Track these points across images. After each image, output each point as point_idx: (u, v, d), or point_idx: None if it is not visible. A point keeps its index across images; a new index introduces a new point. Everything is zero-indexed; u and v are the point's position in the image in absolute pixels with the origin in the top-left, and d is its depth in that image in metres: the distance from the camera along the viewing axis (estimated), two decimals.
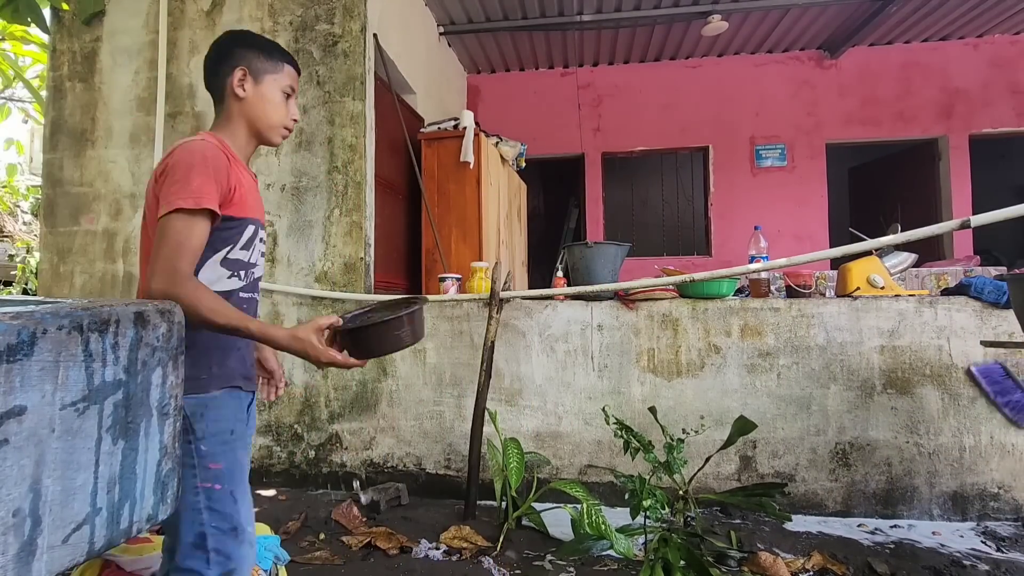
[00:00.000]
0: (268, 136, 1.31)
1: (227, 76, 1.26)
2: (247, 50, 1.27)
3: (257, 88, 1.27)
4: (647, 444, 2.22)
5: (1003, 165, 7.00)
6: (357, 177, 3.16)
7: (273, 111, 1.29)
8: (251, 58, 1.27)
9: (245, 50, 1.27)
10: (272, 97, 1.28)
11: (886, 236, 2.46)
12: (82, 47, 3.51)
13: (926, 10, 4.96)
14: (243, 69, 1.26)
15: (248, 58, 1.26)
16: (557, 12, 4.92)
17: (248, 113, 1.27)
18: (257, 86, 1.27)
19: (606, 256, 2.99)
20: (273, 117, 1.29)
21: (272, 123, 1.29)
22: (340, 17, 3.22)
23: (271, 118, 1.29)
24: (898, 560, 2.17)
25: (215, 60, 1.28)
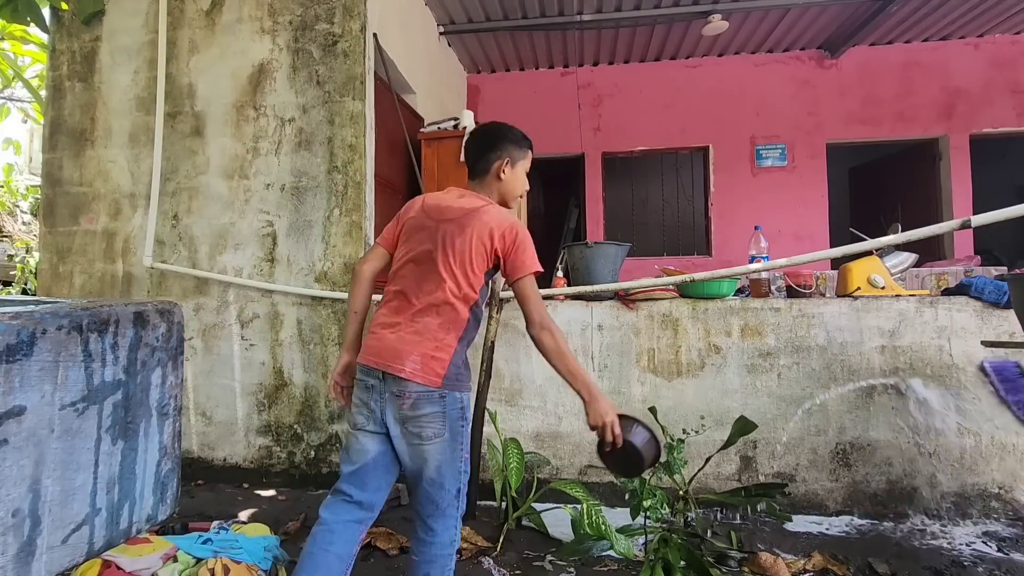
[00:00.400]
0: (510, 203, 1.73)
1: (494, 162, 1.66)
2: (510, 144, 1.68)
3: (513, 172, 1.69)
4: None
5: (1003, 165, 7.00)
6: (357, 177, 3.15)
7: (519, 188, 1.72)
8: (512, 150, 1.68)
9: (509, 144, 1.68)
10: (521, 177, 1.72)
11: (886, 236, 2.46)
12: (82, 47, 3.51)
13: (926, 10, 4.96)
14: (507, 159, 1.67)
15: (510, 150, 1.68)
16: (557, 12, 4.92)
17: (502, 189, 1.69)
18: (513, 170, 1.69)
19: (606, 256, 2.99)
20: (518, 192, 1.72)
21: (516, 196, 1.72)
22: (340, 17, 3.22)
23: (516, 193, 1.72)
24: (898, 560, 2.16)
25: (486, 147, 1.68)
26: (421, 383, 1.45)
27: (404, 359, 1.46)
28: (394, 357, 1.47)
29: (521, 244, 1.54)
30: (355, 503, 1.54)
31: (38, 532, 0.73)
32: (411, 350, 1.47)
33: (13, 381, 0.68)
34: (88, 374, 0.78)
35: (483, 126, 1.75)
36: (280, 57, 3.27)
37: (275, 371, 3.18)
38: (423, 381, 1.45)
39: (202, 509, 2.68)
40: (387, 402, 1.48)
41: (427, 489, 1.49)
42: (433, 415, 1.46)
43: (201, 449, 3.22)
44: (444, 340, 1.50)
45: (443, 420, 1.47)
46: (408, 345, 1.48)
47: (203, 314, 3.27)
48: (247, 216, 3.25)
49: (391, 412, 1.48)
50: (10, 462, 0.69)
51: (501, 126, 1.73)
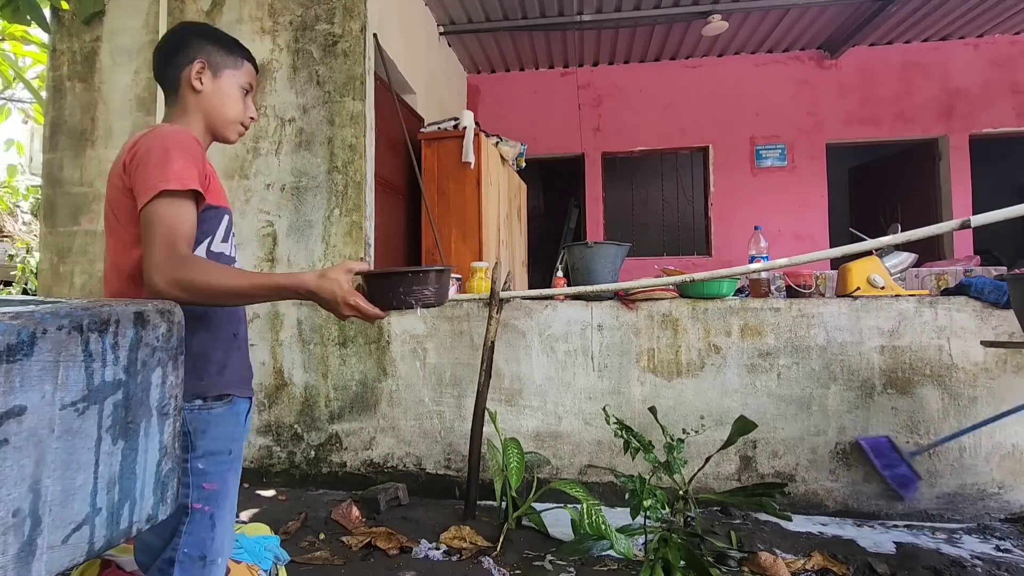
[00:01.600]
0: (224, 132, 1.25)
1: (184, 67, 1.20)
2: (207, 43, 1.22)
3: (215, 82, 1.22)
4: (647, 444, 2.22)
5: (1003, 165, 7.00)
6: (357, 177, 3.16)
7: (231, 106, 1.24)
8: (210, 51, 1.22)
9: (205, 42, 1.22)
10: (230, 92, 1.23)
11: (886, 236, 2.46)
12: (82, 47, 3.51)
13: (926, 10, 4.96)
14: (202, 62, 1.20)
15: (207, 51, 1.21)
16: (557, 12, 4.92)
17: (205, 107, 1.21)
18: (215, 80, 1.22)
19: (606, 256, 2.99)
20: (230, 112, 1.24)
21: (229, 119, 1.24)
22: (340, 17, 3.22)
23: (228, 113, 1.24)
24: (898, 560, 2.17)
25: (170, 50, 1.22)
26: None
27: None
28: None
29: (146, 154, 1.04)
30: None
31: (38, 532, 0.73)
32: None
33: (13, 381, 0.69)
34: (88, 374, 0.78)
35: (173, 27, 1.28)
36: (280, 57, 3.28)
37: (275, 371, 3.18)
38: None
39: None
40: None
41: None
42: None
43: None
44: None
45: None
46: None
47: None
48: (247, 216, 3.26)
49: None
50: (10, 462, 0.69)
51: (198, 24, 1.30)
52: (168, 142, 1.05)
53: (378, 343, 3.08)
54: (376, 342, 3.08)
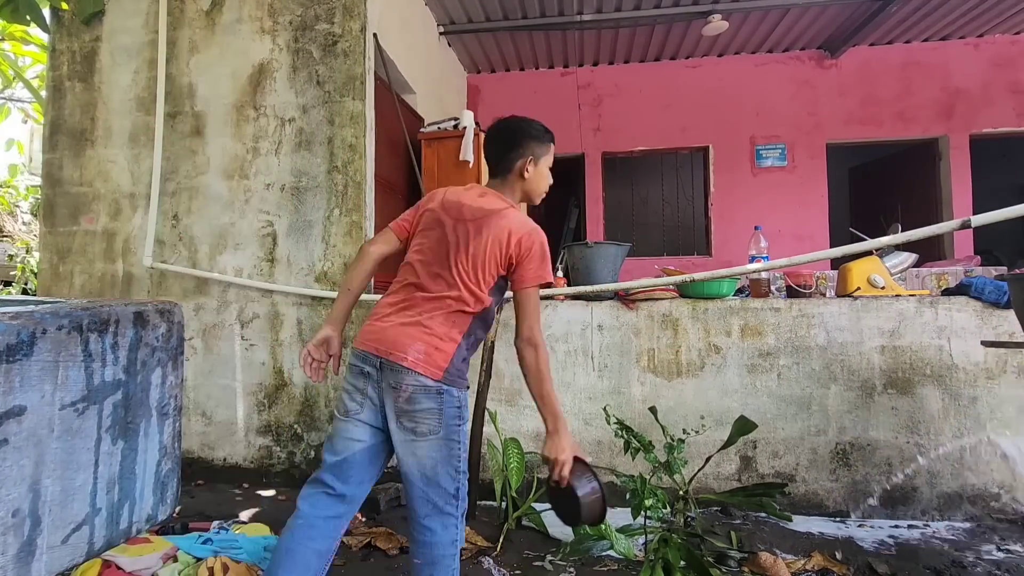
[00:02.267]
0: (535, 200, 1.69)
1: (516, 160, 1.61)
2: (532, 141, 1.62)
3: (536, 169, 1.63)
4: (647, 444, 2.22)
5: (1003, 165, 6.99)
6: (357, 177, 3.15)
7: (544, 184, 1.67)
8: (534, 147, 1.62)
9: (531, 141, 1.62)
10: (544, 174, 1.66)
11: (886, 236, 2.46)
12: (82, 47, 3.51)
13: (926, 10, 4.96)
14: (533, 158, 1.61)
15: (532, 147, 1.62)
16: (557, 12, 4.92)
17: (526, 188, 1.64)
18: (536, 167, 1.63)
19: (606, 256, 2.99)
20: (543, 188, 1.68)
21: (541, 192, 1.68)
22: (340, 17, 3.22)
23: (542, 190, 1.68)
24: (898, 560, 2.16)
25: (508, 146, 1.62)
26: (422, 373, 1.41)
27: (407, 348, 1.43)
28: (396, 345, 1.44)
29: (536, 254, 1.50)
30: (337, 496, 1.47)
31: (38, 532, 0.73)
32: (414, 341, 1.44)
33: (13, 381, 0.69)
34: (88, 374, 0.78)
35: (503, 121, 1.68)
36: (280, 57, 3.28)
37: (275, 371, 3.18)
38: (424, 371, 1.41)
39: (202, 509, 2.68)
40: (385, 392, 1.44)
41: (422, 488, 1.43)
42: (429, 411, 1.42)
43: (201, 449, 3.22)
44: (448, 335, 1.47)
45: (439, 417, 1.42)
46: (411, 336, 1.45)
47: (203, 314, 3.27)
48: (247, 216, 3.25)
49: (389, 402, 1.43)
50: (10, 462, 0.69)
51: (522, 121, 1.66)
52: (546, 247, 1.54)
53: None
54: None
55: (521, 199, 1.65)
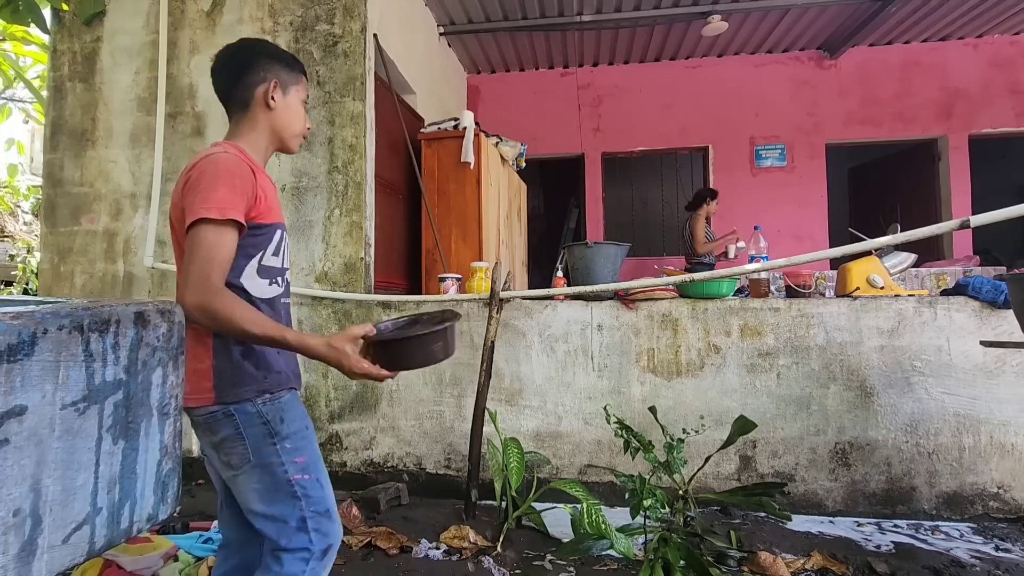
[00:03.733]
0: (290, 144, 1.37)
1: (256, 87, 1.29)
2: (275, 62, 1.32)
3: (285, 99, 1.32)
4: (647, 444, 2.23)
5: (1003, 165, 7.00)
6: (357, 177, 3.16)
7: (297, 121, 1.35)
8: (279, 70, 1.31)
9: (273, 62, 1.31)
10: (296, 108, 1.35)
11: (886, 236, 2.46)
12: (82, 47, 3.52)
13: (926, 10, 4.96)
14: (275, 81, 1.30)
15: (276, 70, 1.31)
16: (557, 12, 4.93)
17: (275, 123, 1.32)
18: (285, 97, 1.32)
19: (606, 256, 3.00)
20: (297, 127, 1.36)
21: (296, 132, 1.36)
22: (340, 17, 3.23)
23: (295, 127, 1.35)
24: (898, 560, 2.17)
25: (240, 69, 1.30)
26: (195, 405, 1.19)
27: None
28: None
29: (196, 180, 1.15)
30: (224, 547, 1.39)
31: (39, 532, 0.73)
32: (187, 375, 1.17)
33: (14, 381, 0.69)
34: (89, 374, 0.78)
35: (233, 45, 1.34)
36: None
37: None
38: (195, 403, 1.19)
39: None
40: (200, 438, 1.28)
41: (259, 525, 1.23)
42: (229, 439, 1.20)
43: (201, 449, 3.22)
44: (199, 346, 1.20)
45: (242, 443, 1.20)
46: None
47: None
48: None
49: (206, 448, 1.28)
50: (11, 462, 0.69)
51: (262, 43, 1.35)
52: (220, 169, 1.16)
53: None
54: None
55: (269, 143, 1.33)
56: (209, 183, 1.14)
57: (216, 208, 1.12)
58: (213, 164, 1.17)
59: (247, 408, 1.20)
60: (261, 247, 1.25)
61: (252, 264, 1.24)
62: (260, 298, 1.25)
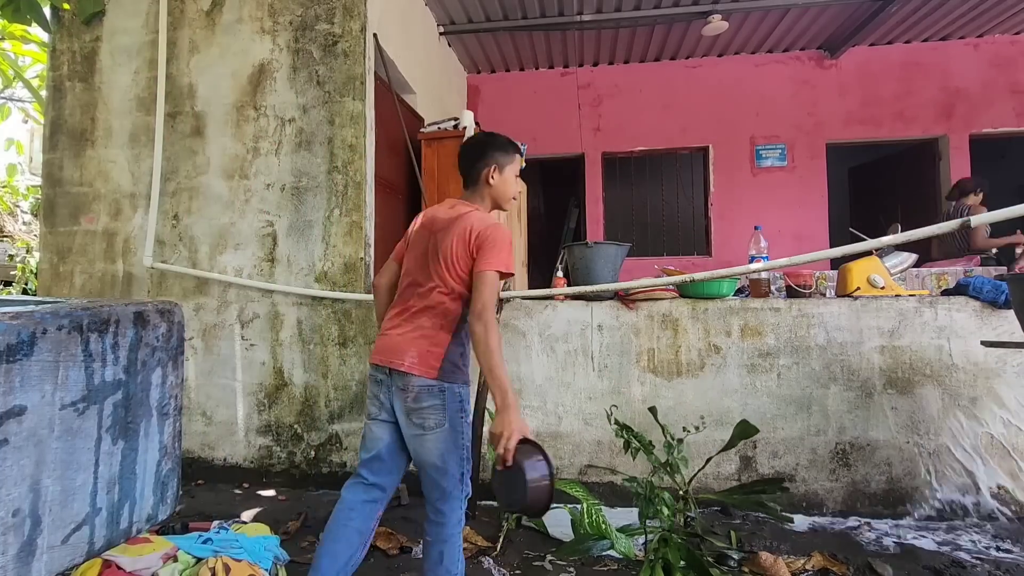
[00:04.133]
0: (503, 206, 1.83)
1: (482, 170, 1.76)
2: (495, 151, 1.77)
3: (502, 176, 1.78)
4: (648, 444, 2.22)
5: (1003, 165, 6.99)
6: (357, 177, 3.15)
7: (510, 191, 1.81)
8: (499, 156, 1.77)
9: (494, 151, 1.77)
10: (510, 180, 1.80)
11: (886, 236, 2.46)
12: (82, 47, 3.51)
13: (926, 10, 4.96)
14: (497, 166, 1.76)
15: (497, 157, 1.77)
16: (557, 12, 4.92)
17: (493, 194, 1.79)
18: (502, 175, 1.77)
19: (606, 256, 2.99)
20: (509, 194, 1.81)
21: (508, 198, 1.81)
22: (340, 17, 3.22)
23: (508, 195, 1.81)
24: (898, 560, 2.17)
25: (475, 157, 1.77)
26: (419, 375, 1.58)
27: (404, 355, 1.61)
28: (395, 354, 1.63)
29: (492, 242, 1.62)
30: (371, 485, 1.70)
31: (38, 532, 0.73)
32: (409, 347, 1.62)
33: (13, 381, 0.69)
34: (88, 374, 0.78)
35: (471, 138, 1.85)
36: (280, 57, 3.28)
37: (275, 371, 3.18)
38: (420, 373, 1.58)
39: (202, 509, 2.68)
40: (394, 395, 1.63)
41: (432, 475, 1.61)
42: (434, 407, 1.58)
43: (201, 449, 3.23)
44: (437, 336, 1.63)
45: (443, 411, 1.59)
46: (407, 343, 1.63)
47: (203, 314, 3.27)
48: (247, 216, 3.26)
49: (398, 404, 1.62)
50: (11, 462, 0.69)
51: (487, 135, 1.83)
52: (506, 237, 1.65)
53: None
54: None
55: (492, 206, 1.81)
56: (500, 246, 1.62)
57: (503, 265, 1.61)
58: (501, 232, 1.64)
59: (455, 389, 1.62)
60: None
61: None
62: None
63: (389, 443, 1.70)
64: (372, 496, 1.70)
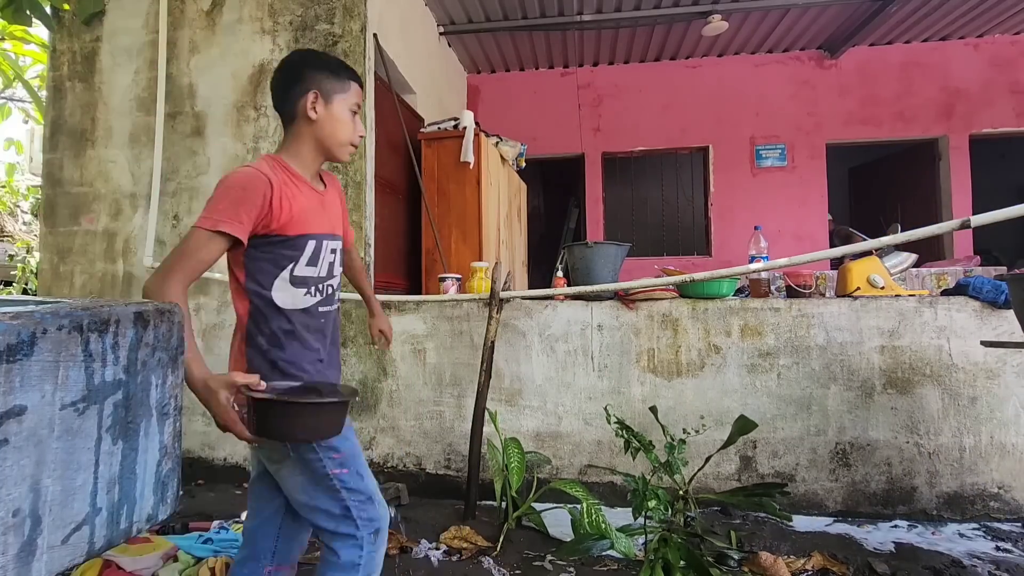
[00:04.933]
0: (336, 153, 1.35)
1: (298, 99, 1.30)
2: (317, 72, 1.30)
3: (328, 109, 1.31)
4: (648, 444, 2.22)
5: (1003, 165, 7.00)
6: (357, 177, 3.16)
7: (342, 130, 1.33)
8: (321, 79, 1.30)
9: (315, 72, 1.30)
10: (341, 116, 1.32)
11: (886, 236, 2.46)
12: (82, 47, 3.51)
13: (926, 10, 4.96)
14: (315, 92, 1.29)
15: (319, 80, 1.30)
16: (557, 12, 4.92)
17: (318, 134, 1.32)
18: (328, 107, 1.31)
19: (606, 256, 2.99)
20: (342, 136, 1.33)
21: (341, 141, 1.34)
22: (340, 17, 3.22)
23: (340, 137, 1.33)
24: (898, 560, 2.17)
25: (285, 83, 1.32)
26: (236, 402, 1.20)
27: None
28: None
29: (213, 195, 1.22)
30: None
31: (38, 532, 0.73)
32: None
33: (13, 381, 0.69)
34: (88, 374, 0.78)
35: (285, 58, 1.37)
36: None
37: None
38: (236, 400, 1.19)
39: (203, 509, 2.68)
40: None
41: (307, 515, 1.32)
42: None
43: (201, 449, 3.23)
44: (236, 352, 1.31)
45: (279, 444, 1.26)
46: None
47: (203, 314, 3.27)
48: None
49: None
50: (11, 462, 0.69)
51: (308, 52, 1.38)
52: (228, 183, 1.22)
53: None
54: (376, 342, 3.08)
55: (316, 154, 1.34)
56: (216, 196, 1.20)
57: (210, 219, 1.17)
58: (226, 179, 1.23)
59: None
60: (292, 259, 1.28)
61: (283, 275, 1.28)
62: (294, 308, 1.30)
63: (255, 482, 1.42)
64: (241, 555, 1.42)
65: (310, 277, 1.32)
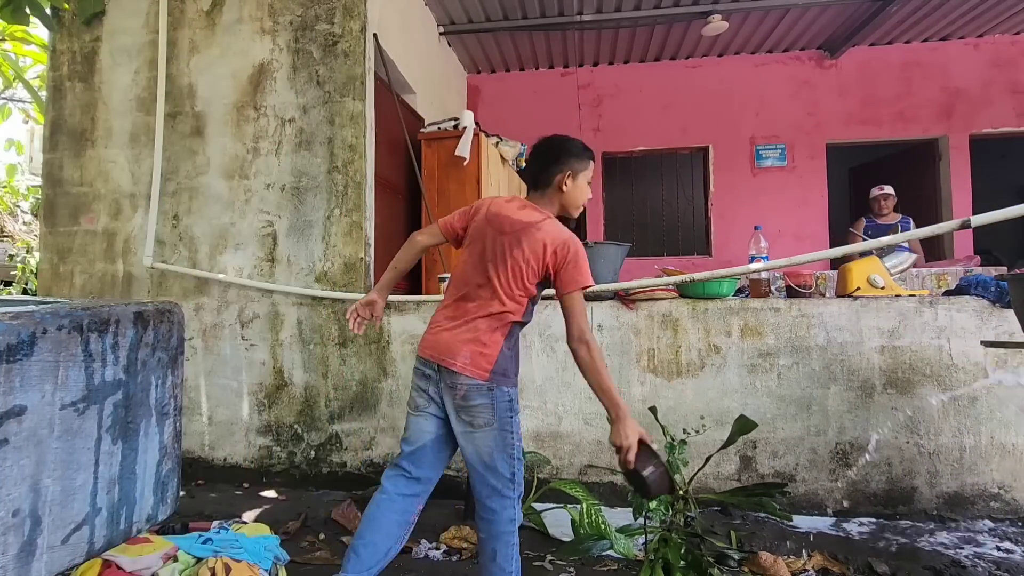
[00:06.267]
0: (571, 213, 1.80)
1: (556, 175, 1.72)
2: (571, 157, 1.73)
3: (575, 183, 1.74)
4: None
5: (1003, 165, 6.99)
6: (357, 177, 3.15)
7: (581, 198, 1.78)
8: (573, 163, 1.73)
9: (571, 157, 1.73)
10: (583, 187, 1.77)
11: (886, 236, 2.46)
12: (82, 47, 3.51)
13: (926, 10, 4.96)
14: (570, 172, 1.72)
15: (571, 163, 1.72)
16: (557, 12, 4.92)
17: (564, 201, 1.76)
18: (575, 182, 1.74)
19: (606, 256, 2.99)
20: (580, 202, 1.79)
21: (578, 205, 1.79)
22: (340, 17, 3.22)
23: (578, 203, 1.79)
24: (898, 560, 2.16)
25: (546, 162, 1.74)
26: (470, 376, 1.60)
27: (456, 355, 1.63)
28: (447, 352, 1.65)
29: (573, 259, 1.64)
30: (413, 479, 1.71)
31: (38, 532, 0.73)
32: (462, 348, 1.63)
33: (13, 381, 0.69)
34: (88, 374, 0.78)
35: (545, 140, 1.80)
36: (280, 57, 3.28)
37: (275, 371, 3.18)
38: (471, 373, 1.60)
39: (202, 509, 2.68)
40: (444, 391, 1.66)
41: (482, 473, 1.63)
42: (483, 406, 1.61)
43: (201, 449, 3.23)
44: (491, 339, 1.64)
45: (492, 411, 1.62)
46: (460, 344, 1.64)
47: (203, 314, 3.27)
48: (247, 216, 3.26)
49: (448, 400, 1.65)
50: (11, 462, 0.69)
51: (563, 140, 1.78)
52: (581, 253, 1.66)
53: (378, 343, 3.08)
54: (376, 342, 3.08)
55: (559, 211, 1.78)
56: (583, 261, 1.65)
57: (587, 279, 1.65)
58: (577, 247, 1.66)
59: (504, 389, 1.64)
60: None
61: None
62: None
63: (435, 437, 1.71)
64: (414, 490, 1.72)
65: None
